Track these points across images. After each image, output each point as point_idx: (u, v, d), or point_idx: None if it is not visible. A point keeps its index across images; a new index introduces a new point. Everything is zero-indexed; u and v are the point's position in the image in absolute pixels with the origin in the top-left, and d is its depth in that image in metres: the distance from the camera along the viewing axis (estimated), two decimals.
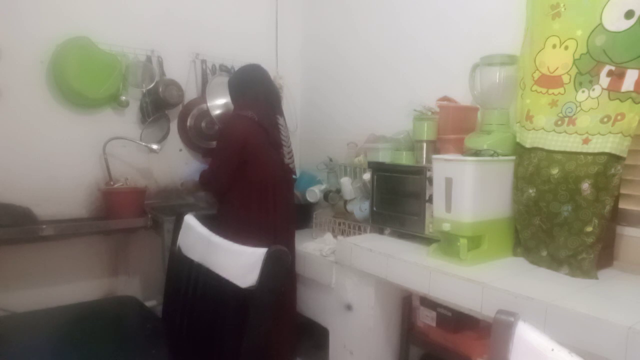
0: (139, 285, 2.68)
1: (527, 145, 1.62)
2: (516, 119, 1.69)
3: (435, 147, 1.92)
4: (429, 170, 1.73)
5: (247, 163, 2.03)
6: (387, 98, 2.51)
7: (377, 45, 2.56)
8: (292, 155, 2.26)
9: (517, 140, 1.66)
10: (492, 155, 1.62)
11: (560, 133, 1.56)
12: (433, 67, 2.24)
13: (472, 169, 1.54)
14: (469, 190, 1.54)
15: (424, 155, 1.93)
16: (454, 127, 1.85)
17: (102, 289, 2.55)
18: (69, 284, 2.43)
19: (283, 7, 3.07)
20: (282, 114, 2.25)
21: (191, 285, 1.30)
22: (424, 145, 1.93)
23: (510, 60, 1.71)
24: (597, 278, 1.40)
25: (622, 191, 1.52)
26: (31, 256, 2.32)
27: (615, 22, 1.41)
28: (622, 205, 1.53)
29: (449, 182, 1.57)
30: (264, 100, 2.12)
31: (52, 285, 2.37)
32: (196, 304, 1.27)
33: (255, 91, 2.11)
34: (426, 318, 1.75)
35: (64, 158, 2.38)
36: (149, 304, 2.27)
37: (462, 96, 1.96)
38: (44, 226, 2.15)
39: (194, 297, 1.28)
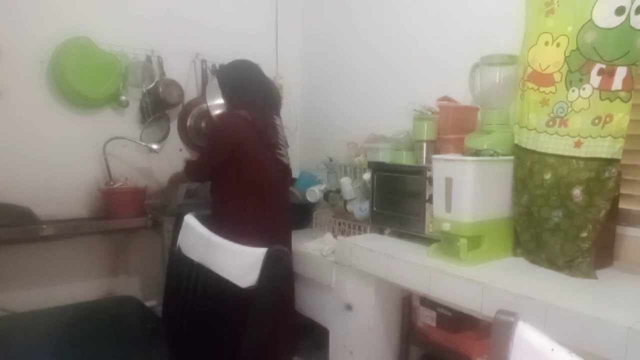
0: (139, 285, 2.68)
1: (523, 146, 1.62)
2: (515, 119, 1.68)
3: (435, 147, 1.92)
4: (429, 170, 1.73)
5: (240, 163, 2.03)
6: (387, 98, 2.50)
7: (377, 45, 2.56)
8: (288, 156, 2.25)
9: (515, 141, 1.65)
10: (492, 155, 1.62)
11: (551, 135, 1.54)
12: (433, 67, 2.24)
13: (472, 169, 1.54)
14: (469, 190, 1.54)
15: (424, 155, 1.92)
16: (454, 127, 1.85)
17: (102, 289, 2.55)
18: (69, 284, 2.43)
19: (283, 7, 3.07)
20: (279, 115, 2.24)
21: (191, 285, 1.30)
22: (424, 145, 1.93)
23: (510, 60, 1.71)
24: (596, 278, 1.40)
25: (622, 191, 1.52)
26: (31, 256, 2.32)
27: (605, 18, 1.39)
28: (622, 205, 1.53)
29: (449, 182, 1.57)
30: (261, 100, 2.11)
31: (52, 285, 2.37)
32: (196, 304, 1.27)
33: (252, 91, 2.10)
34: (426, 318, 1.75)
35: (64, 158, 2.38)
36: (149, 304, 2.27)
37: (462, 96, 1.96)
38: (44, 226, 2.15)
39: (194, 297, 1.28)
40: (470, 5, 2.06)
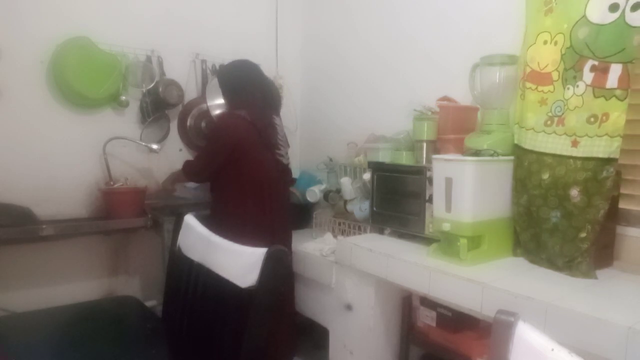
0: (139, 285, 2.68)
1: (523, 146, 1.62)
2: (515, 119, 1.68)
3: (435, 147, 1.92)
4: (429, 170, 1.73)
5: (241, 163, 2.03)
6: (387, 98, 2.50)
7: (377, 45, 2.56)
8: (287, 156, 2.25)
9: (515, 141, 1.65)
10: (492, 155, 1.62)
11: (550, 134, 1.53)
12: (433, 67, 2.24)
13: (472, 169, 1.54)
14: (469, 190, 1.54)
15: (424, 155, 1.92)
16: (454, 127, 1.85)
17: (102, 289, 2.55)
18: (69, 284, 2.43)
19: (283, 7, 3.07)
20: (278, 114, 2.24)
21: (191, 285, 1.30)
22: (424, 145, 1.93)
23: (510, 60, 1.71)
24: (596, 278, 1.40)
25: (622, 191, 1.52)
26: (31, 256, 2.32)
27: (599, 14, 1.38)
28: (622, 205, 1.52)
29: (449, 182, 1.57)
30: (260, 100, 2.11)
31: (52, 285, 2.37)
32: (196, 304, 1.27)
33: (252, 91, 2.11)
34: (426, 318, 1.75)
35: (64, 158, 2.38)
36: (149, 304, 2.27)
37: (462, 96, 1.96)
38: (44, 226, 2.15)
39: (194, 297, 1.28)
40: (471, 5, 2.06)
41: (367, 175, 2.10)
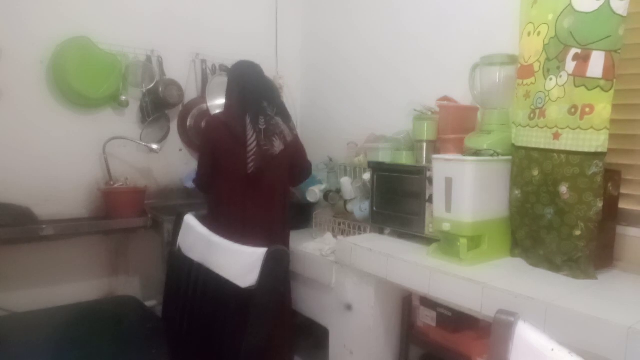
0: (139, 285, 2.68)
1: (515, 143, 1.61)
2: (512, 118, 1.68)
3: (435, 147, 1.92)
4: (429, 170, 1.73)
5: (219, 162, 2.08)
6: (387, 98, 2.50)
7: (377, 45, 2.56)
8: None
9: (512, 140, 1.65)
10: (492, 155, 1.62)
11: (533, 127, 1.51)
12: (433, 67, 2.24)
13: (472, 169, 1.54)
14: (469, 190, 1.54)
15: (424, 155, 1.93)
16: (454, 127, 1.85)
17: (102, 289, 2.55)
18: (69, 284, 2.43)
19: (283, 6, 3.07)
20: (267, 112, 2.07)
21: (191, 285, 1.30)
22: (424, 145, 1.93)
23: (510, 60, 1.71)
24: (596, 277, 1.40)
25: (622, 191, 1.51)
26: (31, 256, 2.32)
27: (584, 2, 1.35)
28: (622, 205, 1.52)
29: (449, 182, 1.57)
30: (236, 101, 2.08)
31: (52, 285, 2.37)
32: (196, 304, 1.27)
33: (230, 92, 2.12)
34: (426, 318, 1.75)
35: (64, 158, 2.38)
36: (149, 304, 2.27)
37: (462, 96, 1.96)
38: (44, 226, 2.15)
39: (194, 297, 1.29)
40: (471, 5, 2.06)
41: (367, 175, 2.09)
